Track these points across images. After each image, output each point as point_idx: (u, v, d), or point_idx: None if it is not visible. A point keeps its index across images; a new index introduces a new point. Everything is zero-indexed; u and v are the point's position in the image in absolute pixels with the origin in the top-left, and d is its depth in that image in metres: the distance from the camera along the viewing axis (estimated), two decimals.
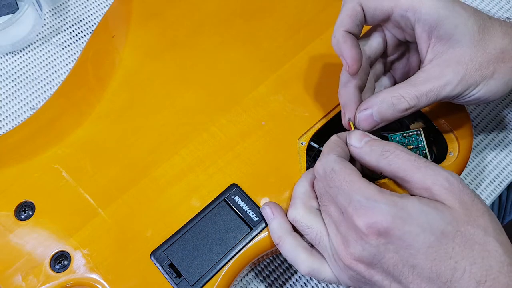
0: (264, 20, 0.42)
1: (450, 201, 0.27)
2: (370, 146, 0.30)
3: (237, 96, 0.38)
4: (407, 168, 0.28)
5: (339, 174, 0.29)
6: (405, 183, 0.29)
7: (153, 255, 0.33)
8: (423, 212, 0.26)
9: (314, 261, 0.31)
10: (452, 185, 0.27)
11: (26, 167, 0.35)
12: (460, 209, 0.27)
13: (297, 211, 0.31)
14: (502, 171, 0.45)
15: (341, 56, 0.32)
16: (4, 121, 0.44)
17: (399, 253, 0.26)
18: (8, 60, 0.46)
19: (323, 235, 0.30)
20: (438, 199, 0.27)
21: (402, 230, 0.26)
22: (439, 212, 0.26)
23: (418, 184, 0.28)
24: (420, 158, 0.28)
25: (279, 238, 0.32)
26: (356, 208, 0.27)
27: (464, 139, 0.37)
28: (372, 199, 0.27)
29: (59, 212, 0.34)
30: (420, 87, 0.31)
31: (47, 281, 0.32)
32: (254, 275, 0.40)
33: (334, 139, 0.32)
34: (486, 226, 0.26)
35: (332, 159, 0.30)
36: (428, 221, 0.26)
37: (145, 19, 0.42)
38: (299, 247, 0.31)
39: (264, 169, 0.35)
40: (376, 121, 0.32)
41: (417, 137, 0.34)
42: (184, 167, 0.35)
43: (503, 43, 0.31)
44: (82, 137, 0.36)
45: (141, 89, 0.38)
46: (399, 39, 0.35)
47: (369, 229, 0.26)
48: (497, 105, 0.48)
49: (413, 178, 0.28)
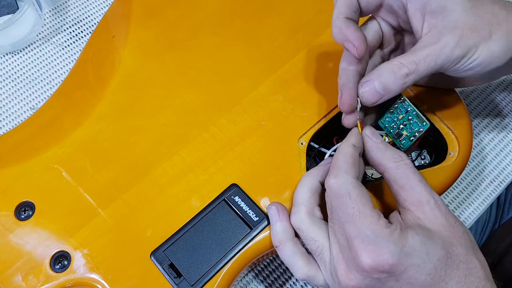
0: (264, 20, 0.42)
1: (437, 222, 0.29)
2: (385, 146, 0.31)
3: (237, 96, 0.38)
4: (410, 179, 0.30)
5: (354, 201, 0.29)
6: (401, 191, 0.30)
7: (153, 255, 0.33)
8: (423, 244, 0.27)
9: (311, 268, 0.31)
10: (440, 207, 0.29)
11: (26, 167, 0.35)
12: (446, 231, 0.28)
13: (302, 220, 0.31)
14: (502, 171, 0.45)
15: (346, 41, 0.32)
16: (4, 121, 0.44)
17: (399, 282, 0.27)
18: (8, 60, 0.46)
19: (325, 250, 0.30)
20: (427, 217, 0.29)
21: (406, 265, 0.27)
22: (434, 240, 0.28)
23: (414, 197, 0.29)
24: (421, 175, 0.30)
25: (280, 242, 0.32)
26: (364, 242, 0.27)
27: (464, 139, 0.37)
28: (381, 237, 0.27)
29: (59, 212, 0.34)
30: (418, 53, 0.31)
31: (47, 281, 0.32)
32: (254, 275, 0.40)
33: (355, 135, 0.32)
34: (467, 246, 0.28)
35: (350, 182, 0.29)
36: (427, 251, 0.27)
37: (145, 19, 0.42)
38: (298, 253, 0.31)
39: (264, 169, 0.35)
40: (380, 92, 0.31)
41: (402, 104, 0.34)
42: (184, 167, 0.35)
43: (494, 7, 0.31)
44: (82, 137, 0.36)
45: (141, 89, 0.38)
46: (393, 26, 0.35)
47: (373, 269, 0.27)
48: (497, 105, 0.48)
49: (412, 190, 0.29)
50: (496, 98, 0.49)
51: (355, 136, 0.32)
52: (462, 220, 0.44)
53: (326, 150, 0.37)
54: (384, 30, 0.35)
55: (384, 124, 0.35)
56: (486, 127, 0.47)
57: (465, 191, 0.45)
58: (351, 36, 0.32)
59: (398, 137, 0.34)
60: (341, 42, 0.32)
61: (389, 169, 0.30)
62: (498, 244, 0.51)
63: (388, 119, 0.35)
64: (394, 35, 0.36)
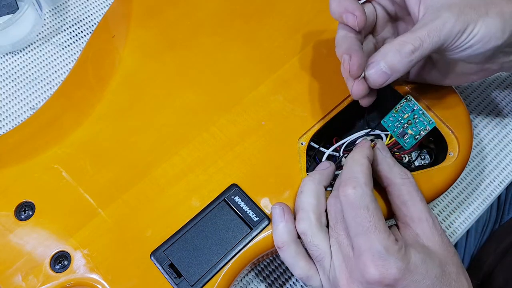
0: (264, 20, 0.42)
1: (434, 240, 0.30)
2: (394, 162, 0.33)
3: (237, 96, 0.38)
4: (413, 196, 0.31)
5: (372, 215, 0.29)
6: (403, 207, 0.31)
7: (153, 255, 0.33)
8: (424, 262, 0.29)
9: (311, 269, 0.32)
10: (436, 226, 0.31)
11: (26, 167, 0.35)
12: (442, 249, 0.30)
13: (310, 226, 0.31)
14: (502, 171, 0.45)
15: (345, 12, 0.32)
16: (4, 121, 0.44)
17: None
18: (8, 60, 0.46)
19: (326, 257, 0.31)
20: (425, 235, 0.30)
21: (408, 280, 0.28)
22: (432, 259, 0.29)
23: (415, 213, 0.31)
24: (423, 195, 0.32)
25: (284, 243, 0.32)
26: (374, 256, 0.28)
27: (464, 139, 0.37)
28: (391, 253, 0.28)
29: (59, 212, 0.34)
30: (420, 30, 0.31)
31: (47, 281, 0.32)
32: (254, 275, 0.40)
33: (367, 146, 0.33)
34: (458, 265, 0.30)
35: (369, 195, 0.30)
36: (427, 268, 0.29)
37: (145, 19, 0.42)
38: (300, 254, 0.32)
39: (264, 169, 0.35)
40: (386, 72, 0.31)
41: (408, 103, 0.34)
42: (184, 167, 0.35)
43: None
44: (82, 137, 0.36)
45: (141, 89, 0.38)
46: (388, 12, 0.35)
47: (379, 282, 0.28)
48: (497, 105, 0.48)
49: (414, 206, 0.31)
50: (496, 98, 0.49)
51: (369, 149, 0.33)
52: (462, 221, 0.44)
53: (326, 150, 0.37)
54: (379, 15, 0.36)
55: (388, 123, 0.35)
56: (486, 127, 0.47)
57: (465, 191, 0.45)
58: (350, 7, 0.32)
59: (402, 136, 0.34)
60: (339, 16, 0.32)
61: (395, 184, 0.32)
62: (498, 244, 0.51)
63: (392, 119, 0.35)
64: (388, 23, 0.36)
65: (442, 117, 0.37)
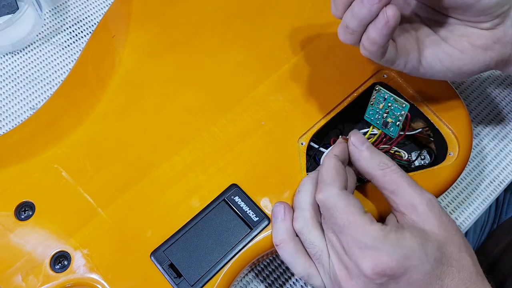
0: (264, 20, 0.42)
1: (432, 222, 0.29)
2: (371, 153, 0.32)
3: (237, 96, 0.38)
4: (399, 184, 0.30)
5: (342, 212, 0.29)
6: (392, 196, 0.30)
7: (153, 255, 0.33)
8: (421, 245, 0.28)
9: (310, 267, 0.31)
10: (434, 207, 0.29)
11: (26, 167, 0.35)
12: (440, 230, 0.29)
13: (305, 224, 0.31)
14: (502, 171, 0.45)
15: None
16: (4, 121, 0.44)
17: (399, 284, 0.28)
18: (8, 60, 0.46)
19: (323, 255, 0.31)
20: (421, 219, 0.29)
21: (406, 266, 0.27)
22: (431, 241, 0.28)
23: (406, 200, 0.30)
24: (410, 177, 0.30)
25: (282, 240, 0.32)
26: (361, 249, 0.28)
27: (464, 139, 0.37)
28: (377, 241, 0.28)
29: (59, 212, 0.34)
30: None
31: (47, 281, 0.32)
32: (254, 275, 0.40)
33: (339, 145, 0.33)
34: (460, 243, 0.29)
35: (335, 194, 0.30)
36: (426, 252, 0.28)
37: (145, 19, 0.42)
38: (299, 252, 0.32)
39: (264, 169, 0.35)
40: None
41: (379, 93, 0.34)
42: (184, 167, 0.35)
43: None
44: (82, 137, 0.36)
45: (141, 89, 0.38)
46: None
47: (376, 274, 0.27)
48: (497, 105, 0.48)
49: (403, 194, 0.30)
50: (496, 98, 0.49)
51: (337, 146, 0.33)
52: (462, 221, 0.44)
53: (326, 150, 0.37)
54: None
55: (370, 117, 0.36)
56: (486, 127, 0.47)
57: (465, 191, 0.45)
58: None
59: (385, 126, 0.35)
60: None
61: (376, 177, 0.31)
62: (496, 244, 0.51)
63: (371, 112, 0.35)
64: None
65: (442, 117, 0.37)
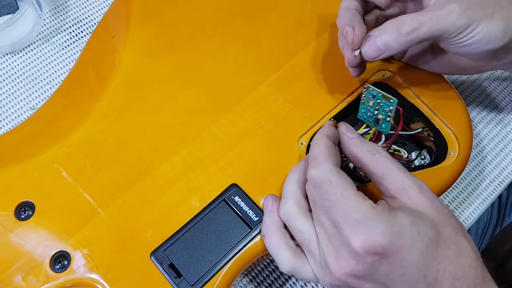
0: (264, 20, 0.42)
1: (424, 204, 0.28)
2: (361, 140, 0.31)
3: (237, 96, 0.38)
4: (389, 168, 0.30)
5: (336, 187, 0.28)
6: (383, 181, 0.30)
7: (153, 255, 0.33)
8: (413, 223, 0.27)
9: (296, 260, 0.31)
10: (425, 191, 0.29)
11: (26, 167, 0.35)
12: (434, 212, 0.28)
13: (289, 211, 0.31)
14: (502, 171, 0.45)
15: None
16: (4, 121, 0.44)
17: (392, 265, 0.27)
18: (8, 60, 0.46)
19: (312, 241, 0.30)
20: (413, 201, 0.28)
21: (398, 245, 0.27)
22: (424, 220, 0.28)
23: (397, 184, 0.29)
24: (400, 164, 0.30)
25: (267, 230, 0.32)
26: (353, 226, 0.27)
27: (464, 139, 0.37)
28: (369, 218, 0.27)
29: (59, 212, 0.34)
30: (423, 14, 0.31)
31: (47, 281, 0.32)
32: (254, 275, 0.40)
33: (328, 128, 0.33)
34: (455, 226, 0.28)
35: (329, 169, 0.29)
36: (419, 231, 0.27)
37: (145, 19, 0.42)
38: (285, 244, 0.31)
39: (264, 169, 0.35)
40: (380, 48, 0.32)
41: (368, 91, 0.34)
42: (184, 167, 0.35)
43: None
44: (82, 137, 0.36)
45: (141, 89, 0.38)
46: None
47: (367, 251, 0.26)
48: (498, 105, 0.48)
49: (394, 178, 0.29)
50: (496, 98, 0.49)
51: (327, 127, 0.33)
52: (462, 221, 0.44)
53: None
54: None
55: (362, 116, 0.36)
56: (486, 127, 0.47)
57: (465, 191, 0.45)
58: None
59: (377, 123, 0.35)
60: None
61: (367, 163, 0.30)
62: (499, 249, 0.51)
63: (363, 110, 0.36)
64: (396, 2, 0.36)
65: (442, 117, 0.37)
